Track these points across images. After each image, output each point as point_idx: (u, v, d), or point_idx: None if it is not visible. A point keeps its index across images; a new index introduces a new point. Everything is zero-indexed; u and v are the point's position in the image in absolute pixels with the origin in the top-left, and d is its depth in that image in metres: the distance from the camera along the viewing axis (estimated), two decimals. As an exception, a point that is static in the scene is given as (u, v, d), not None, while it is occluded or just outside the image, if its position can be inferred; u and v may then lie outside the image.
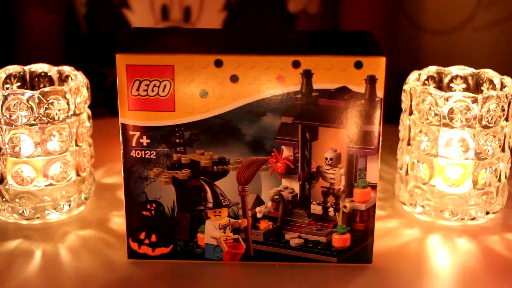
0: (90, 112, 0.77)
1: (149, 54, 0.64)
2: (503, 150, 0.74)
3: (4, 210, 0.75)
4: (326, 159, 0.66)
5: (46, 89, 0.71)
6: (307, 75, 0.64)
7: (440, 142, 0.72)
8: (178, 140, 0.66)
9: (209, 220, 0.68)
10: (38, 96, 0.70)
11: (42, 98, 0.71)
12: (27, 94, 0.70)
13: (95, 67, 1.21)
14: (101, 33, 1.18)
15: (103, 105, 1.23)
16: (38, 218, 0.75)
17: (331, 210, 0.68)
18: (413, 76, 0.76)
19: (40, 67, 0.79)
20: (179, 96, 0.64)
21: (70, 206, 0.76)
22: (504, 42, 1.21)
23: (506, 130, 0.73)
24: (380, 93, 0.64)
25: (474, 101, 0.70)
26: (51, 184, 0.74)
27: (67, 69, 0.78)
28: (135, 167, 0.67)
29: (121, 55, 0.64)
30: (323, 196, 0.68)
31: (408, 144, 0.75)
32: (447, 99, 0.71)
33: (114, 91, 0.69)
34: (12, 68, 0.78)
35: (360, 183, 0.67)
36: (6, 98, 0.70)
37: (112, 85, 1.20)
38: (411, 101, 0.74)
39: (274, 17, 1.16)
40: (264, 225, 0.68)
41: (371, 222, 0.68)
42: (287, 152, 0.66)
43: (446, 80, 0.80)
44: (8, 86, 0.77)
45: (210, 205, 0.68)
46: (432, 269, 0.69)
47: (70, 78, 0.77)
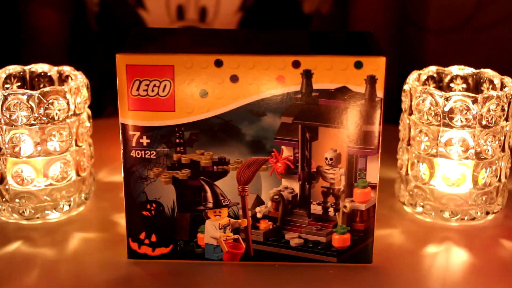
0: (90, 112, 0.77)
1: (149, 54, 0.64)
2: (503, 150, 0.74)
3: (4, 210, 0.74)
4: (326, 159, 0.66)
5: (46, 89, 0.71)
6: (307, 75, 0.64)
7: (440, 142, 0.73)
8: (178, 140, 0.66)
9: (209, 220, 0.68)
10: (38, 96, 0.70)
11: (42, 98, 0.71)
12: (27, 94, 0.70)
13: (107, 67, 1.21)
14: (115, 33, 1.18)
15: (115, 104, 1.23)
16: (38, 218, 0.75)
17: (331, 210, 0.68)
18: (413, 76, 0.76)
19: (40, 67, 0.79)
20: (179, 96, 0.64)
21: (70, 206, 0.76)
22: (504, 42, 1.21)
23: (506, 130, 0.73)
24: (380, 93, 0.64)
25: (474, 101, 0.70)
26: (51, 184, 0.74)
27: (67, 69, 0.78)
28: (135, 167, 0.67)
29: (121, 55, 0.64)
30: (323, 196, 0.68)
31: (408, 144, 0.75)
32: (447, 99, 0.71)
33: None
34: (12, 68, 0.78)
35: (360, 183, 0.67)
36: (6, 98, 0.70)
37: None
38: (411, 101, 0.74)
39: (289, 18, 1.16)
40: (264, 225, 0.68)
41: (371, 222, 0.68)
42: (287, 152, 0.66)
43: (446, 80, 0.80)
44: (8, 86, 0.77)
45: (210, 205, 0.68)
46: (432, 269, 0.69)
47: (70, 78, 0.77)
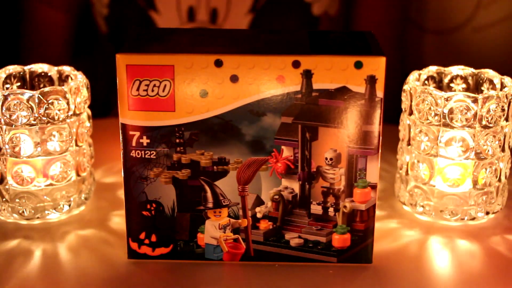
0: (90, 112, 0.77)
1: (149, 54, 0.64)
2: (503, 150, 0.74)
3: (4, 210, 0.74)
4: (326, 159, 0.66)
5: (46, 89, 0.71)
6: (307, 75, 0.64)
7: (440, 142, 0.72)
8: (178, 140, 0.66)
9: (209, 220, 0.68)
10: (38, 96, 0.70)
11: (42, 98, 0.71)
12: (27, 94, 0.70)
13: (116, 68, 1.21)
14: (125, 34, 1.18)
15: None
16: (38, 218, 0.75)
17: (331, 210, 0.68)
18: (413, 76, 0.76)
19: (40, 67, 0.79)
20: (179, 96, 0.64)
21: (70, 206, 0.76)
22: (504, 42, 1.21)
23: (506, 130, 0.73)
24: (380, 93, 0.64)
25: (474, 101, 0.70)
26: (51, 184, 0.74)
27: (67, 69, 0.78)
28: (135, 167, 0.67)
29: (121, 55, 0.64)
30: (323, 196, 0.68)
31: (408, 144, 0.75)
32: (447, 99, 0.71)
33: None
34: (12, 68, 0.78)
35: (360, 183, 0.67)
36: (6, 98, 0.70)
37: None
38: (411, 101, 0.74)
39: (299, 19, 1.16)
40: (264, 225, 0.68)
41: (371, 222, 0.68)
42: (287, 152, 0.66)
43: (446, 80, 0.80)
44: (8, 86, 0.77)
45: (210, 205, 0.68)
46: (432, 269, 0.69)
47: (70, 78, 0.77)
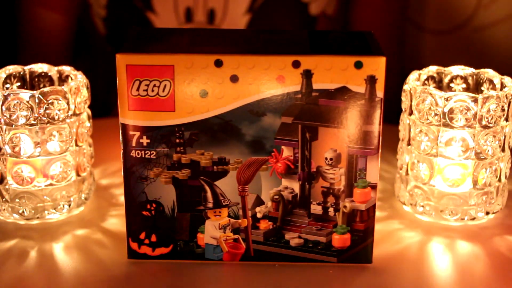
0: (90, 112, 0.77)
1: (149, 54, 0.64)
2: (503, 150, 0.74)
3: (4, 210, 0.74)
4: (326, 159, 0.66)
5: (46, 89, 0.71)
6: (307, 75, 0.64)
7: (440, 142, 0.72)
8: (178, 140, 0.66)
9: (209, 220, 0.68)
10: (38, 96, 0.70)
11: (42, 98, 0.71)
12: (27, 94, 0.70)
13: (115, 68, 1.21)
14: (123, 35, 1.18)
15: None
16: (38, 218, 0.75)
17: (331, 210, 0.68)
18: (413, 76, 0.76)
19: (40, 67, 0.79)
20: (179, 96, 0.64)
21: (70, 206, 0.76)
22: (504, 42, 1.21)
23: (506, 130, 0.73)
24: (380, 93, 0.64)
25: (474, 101, 0.70)
26: (51, 184, 0.74)
27: (67, 69, 0.78)
28: (135, 167, 0.67)
29: (121, 55, 0.64)
30: (323, 196, 0.68)
31: (408, 144, 0.75)
32: (447, 99, 0.71)
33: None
34: (12, 68, 0.78)
35: (360, 183, 0.67)
36: (6, 98, 0.70)
37: None
38: (411, 101, 0.74)
39: (296, 19, 1.16)
40: (264, 225, 0.68)
41: (371, 222, 0.68)
42: (287, 152, 0.66)
43: (446, 80, 0.80)
44: (8, 86, 0.77)
45: (210, 205, 0.68)
46: (431, 269, 0.69)
47: (70, 78, 0.77)
